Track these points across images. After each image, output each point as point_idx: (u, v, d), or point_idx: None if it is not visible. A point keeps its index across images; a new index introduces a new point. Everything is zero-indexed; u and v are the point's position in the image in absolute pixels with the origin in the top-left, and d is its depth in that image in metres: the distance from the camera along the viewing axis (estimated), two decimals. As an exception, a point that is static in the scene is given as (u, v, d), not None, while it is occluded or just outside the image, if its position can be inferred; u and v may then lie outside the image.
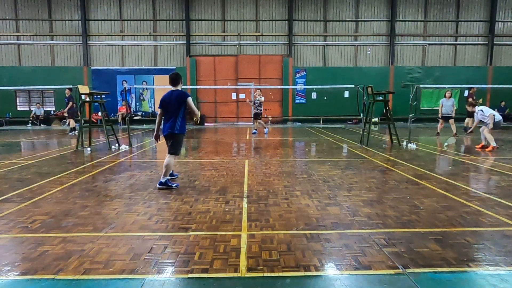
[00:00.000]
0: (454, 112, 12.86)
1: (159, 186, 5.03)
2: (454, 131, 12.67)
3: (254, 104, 13.48)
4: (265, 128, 14.25)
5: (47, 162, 7.48)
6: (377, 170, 6.44)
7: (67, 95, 14.72)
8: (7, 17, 20.46)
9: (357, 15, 20.95)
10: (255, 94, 13.73)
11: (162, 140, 5.44)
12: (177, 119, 5.04)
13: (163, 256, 2.84)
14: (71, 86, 14.39)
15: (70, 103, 14.48)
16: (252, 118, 13.86)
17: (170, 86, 5.22)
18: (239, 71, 20.68)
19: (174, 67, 20.75)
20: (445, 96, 13.01)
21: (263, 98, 13.46)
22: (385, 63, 21.34)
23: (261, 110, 13.52)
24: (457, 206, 4.17)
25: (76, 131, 14.16)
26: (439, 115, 13.10)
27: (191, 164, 7.26)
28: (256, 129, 13.92)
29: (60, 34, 20.73)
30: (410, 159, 7.64)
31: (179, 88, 5.22)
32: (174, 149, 5.16)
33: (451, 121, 12.80)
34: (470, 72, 20.89)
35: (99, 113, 13.92)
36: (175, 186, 5.13)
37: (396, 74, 20.88)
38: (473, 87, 14.79)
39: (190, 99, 5.10)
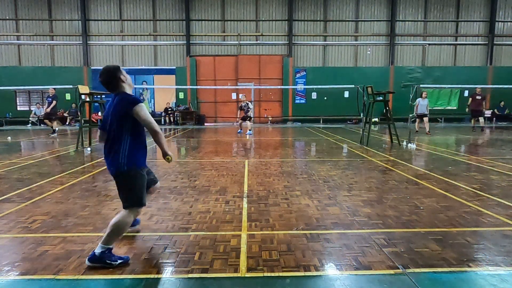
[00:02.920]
0: (427, 111, 13.71)
1: (88, 263, 2.66)
2: (427, 129, 13.47)
3: (243, 109, 13.91)
4: (240, 129, 14.39)
5: (47, 162, 7.48)
6: (377, 170, 6.44)
7: (51, 95, 13.87)
8: (7, 17, 20.47)
9: (357, 15, 20.96)
10: (244, 100, 14.23)
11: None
12: (120, 146, 2.76)
13: (163, 256, 2.84)
14: (56, 87, 14.25)
15: (54, 102, 14.18)
16: (248, 120, 14.14)
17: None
18: (239, 71, 20.68)
19: (174, 67, 20.75)
20: (421, 96, 13.67)
21: (251, 106, 14.19)
22: (385, 63, 21.34)
23: (248, 114, 13.99)
24: (457, 206, 4.17)
25: (56, 134, 14.03)
26: (415, 114, 13.74)
27: (191, 164, 7.26)
28: (250, 129, 14.01)
29: (60, 34, 20.75)
30: (410, 159, 7.64)
31: (124, 90, 2.88)
32: (128, 199, 2.83)
33: (426, 119, 13.60)
34: (470, 72, 20.90)
35: (99, 113, 13.92)
36: (119, 262, 2.68)
37: (396, 74, 20.88)
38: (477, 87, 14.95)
39: (140, 108, 2.74)
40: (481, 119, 14.60)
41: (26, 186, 5.25)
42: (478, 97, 14.42)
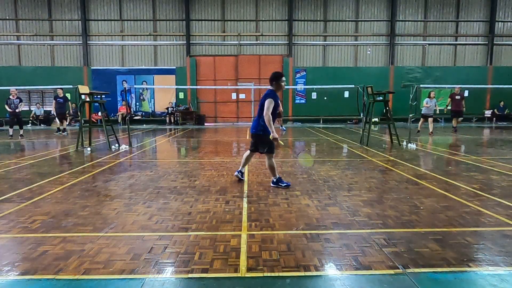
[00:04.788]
0: (437, 111, 13.50)
1: (273, 185, 5.15)
2: (431, 130, 13.23)
3: None
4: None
5: (47, 162, 7.48)
6: (377, 170, 6.44)
7: (60, 95, 14.00)
8: (7, 17, 20.46)
9: (357, 15, 20.96)
10: None
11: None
12: (259, 119, 4.98)
13: (163, 256, 2.84)
14: (56, 87, 14.36)
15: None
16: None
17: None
18: (239, 71, 20.68)
19: (174, 67, 20.75)
20: (429, 96, 13.38)
21: None
22: (385, 63, 21.34)
23: None
24: (457, 206, 4.17)
25: (60, 133, 14.05)
26: (422, 113, 13.58)
27: (191, 164, 7.26)
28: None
29: (60, 34, 20.74)
30: (410, 159, 7.64)
31: (274, 89, 5.03)
32: (266, 149, 5.07)
33: (430, 119, 13.33)
34: (470, 72, 20.90)
35: (99, 113, 13.91)
36: (285, 184, 5.10)
37: (396, 74, 20.88)
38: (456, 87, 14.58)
39: (267, 101, 4.80)
40: (460, 119, 14.33)
41: (26, 186, 5.25)
42: (458, 97, 13.80)
